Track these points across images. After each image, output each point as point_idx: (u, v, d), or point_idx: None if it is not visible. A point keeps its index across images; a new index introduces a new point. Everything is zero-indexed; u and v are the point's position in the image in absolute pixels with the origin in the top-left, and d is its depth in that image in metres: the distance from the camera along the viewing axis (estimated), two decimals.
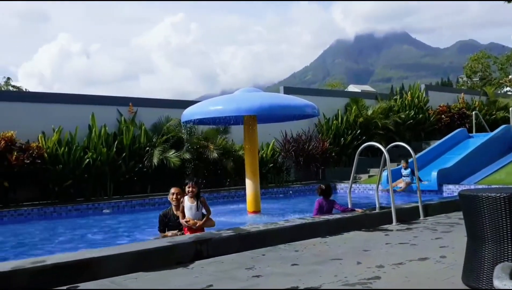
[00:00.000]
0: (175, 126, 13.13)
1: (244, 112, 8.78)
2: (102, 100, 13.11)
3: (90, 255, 4.29)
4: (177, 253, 4.68)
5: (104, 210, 10.63)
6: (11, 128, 10.60)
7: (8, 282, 3.65)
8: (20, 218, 9.65)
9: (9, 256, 6.35)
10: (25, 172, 10.31)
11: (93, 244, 7.07)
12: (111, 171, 11.82)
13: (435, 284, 3.60)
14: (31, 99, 12.29)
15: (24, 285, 3.72)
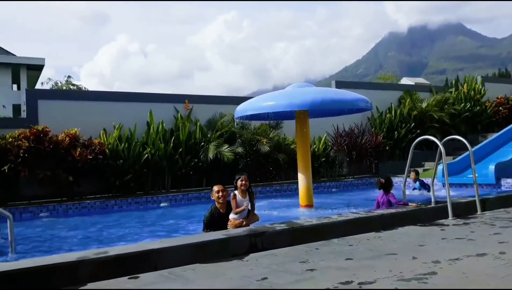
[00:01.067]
0: (229, 121, 13.38)
1: (296, 107, 8.80)
2: (160, 98, 13.56)
3: (150, 246, 4.45)
4: (233, 245, 4.79)
5: (162, 203, 11.04)
6: (75, 126, 11.24)
7: (74, 271, 3.85)
8: (84, 210, 10.21)
9: (75, 247, 6.73)
10: (88, 167, 10.88)
11: (151, 236, 7.37)
12: (168, 165, 12.24)
13: (494, 281, 3.50)
14: (93, 98, 12.92)
15: (88, 275, 3.90)
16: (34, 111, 11.53)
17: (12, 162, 10.03)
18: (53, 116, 11.53)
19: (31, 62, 37.96)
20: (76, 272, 3.85)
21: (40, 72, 40.22)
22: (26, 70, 37.99)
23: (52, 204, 10.12)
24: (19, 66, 37.97)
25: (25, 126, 10.91)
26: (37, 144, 10.43)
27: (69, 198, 10.86)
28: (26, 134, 10.47)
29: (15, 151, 10.07)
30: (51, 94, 14.88)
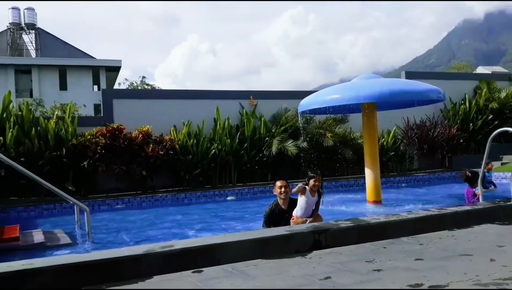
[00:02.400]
0: (293, 116, 13.30)
1: (363, 99, 8.52)
2: (226, 95, 13.78)
3: (214, 241, 4.48)
4: (296, 242, 4.72)
5: (228, 197, 11.22)
6: (147, 123, 11.74)
7: (140, 264, 3.98)
8: (157, 203, 10.62)
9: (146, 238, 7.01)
10: (159, 162, 11.32)
11: (219, 229, 7.51)
12: (234, 160, 12.42)
13: None
14: (163, 96, 13.41)
15: (154, 268, 4.01)
16: (110, 110, 12.16)
17: (90, 158, 10.65)
18: (127, 114, 12.09)
19: (109, 64, 40.18)
20: (143, 264, 3.97)
21: (118, 73, 42.41)
22: (105, 71, 40.24)
23: (127, 197, 10.63)
24: (98, 68, 40.30)
25: (102, 124, 11.55)
26: (113, 141, 11.01)
27: (142, 191, 11.35)
28: (103, 131, 11.08)
29: (93, 148, 10.68)
30: (125, 93, 15.64)
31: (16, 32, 44.40)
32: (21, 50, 44.93)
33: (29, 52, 45.81)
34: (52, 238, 6.61)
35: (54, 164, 10.49)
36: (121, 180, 11.21)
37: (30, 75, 39.64)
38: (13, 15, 43.82)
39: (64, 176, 10.60)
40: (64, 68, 39.57)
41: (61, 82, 39.89)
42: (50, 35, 45.21)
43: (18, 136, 10.36)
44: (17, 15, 43.94)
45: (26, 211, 9.58)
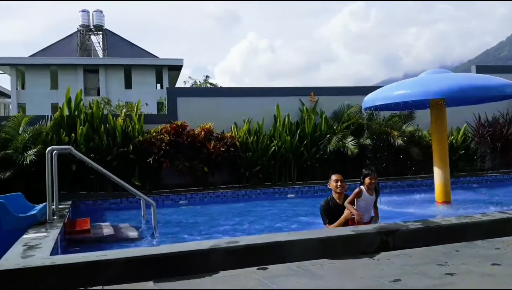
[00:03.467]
0: (356, 113, 13.00)
1: (432, 95, 8.13)
2: (286, 91, 13.72)
3: (278, 238, 4.47)
4: (362, 242, 4.60)
5: (288, 195, 11.18)
6: (209, 120, 11.95)
7: (207, 258, 4.04)
8: (218, 199, 10.78)
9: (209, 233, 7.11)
10: (221, 158, 11.48)
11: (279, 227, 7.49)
12: (294, 157, 12.34)
13: None
14: (224, 94, 13.60)
15: (220, 263, 4.05)
16: (174, 108, 12.48)
17: (155, 154, 10.99)
18: (190, 111, 12.36)
19: (171, 63, 41.38)
20: (209, 259, 4.03)
21: (179, 72, 43.56)
22: (167, 70, 41.47)
23: (190, 193, 10.88)
24: (161, 67, 41.60)
25: (167, 121, 11.88)
26: (176, 137, 11.30)
27: (204, 187, 11.56)
28: (168, 128, 11.40)
29: (158, 144, 11.02)
30: (188, 91, 16.00)
31: (85, 33, 46.72)
32: (89, 50, 47.23)
33: (97, 53, 48.06)
34: (120, 231, 6.87)
35: (122, 160, 10.91)
36: (184, 176, 11.48)
37: (98, 75, 41.60)
38: (83, 18, 46.16)
39: (130, 172, 11.01)
40: (129, 67, 41.18)
41: (126, 81, 41.55)
42: (117, 35, 47.18)
43: (88, 132, 10.87)
44: (86, 18, 46.24)
45: (94, 205, 10.04)
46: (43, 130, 10.71)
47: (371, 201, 5.64)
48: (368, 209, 5.63)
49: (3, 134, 10.50)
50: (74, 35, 46.39)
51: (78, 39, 46.23)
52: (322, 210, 5.80)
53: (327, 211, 5.76)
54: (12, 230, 5.81)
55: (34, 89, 39.04)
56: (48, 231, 5.43)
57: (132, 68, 41.14)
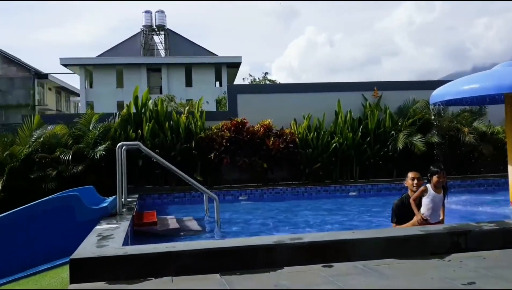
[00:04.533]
0: (422, 108, 12.55)
1: (507, 89, 7.66)
2: (347, 87, 13.48)
3: (343, 236, 4.40)
4: (431, 243, 4.43)
5: (350, 193, 10.99)
6: (268, 117, 11.98)
7: (271, 254, 4.04)
8: (277, 195, 10.80)
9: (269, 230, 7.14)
10: (280, 155, 11.48)
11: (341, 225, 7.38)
12: (356, 155, 12.11)
13: None
14: (284, 90, 13.56)
15: (284, 259, 4.05)
16: (234, 105, 12.63)
17: (216, 150, 11.19)
18: (250, 108, 12.46)
19: (230, 61, 41.90)
20: (273, 255, 4.04)
21: (238, 69, 44.03)
22: (226, 68, 42.05)
23: (249, 188, 10.98)
24: (221, 65, 42.23)
25: (227, 118, 12.05)
26: (236, 134, 11.45)
27: (263, 183, 11.62)
28: (228, 125, 11.57)
29: (219, 141, 11.21)
30: (248, 88, 16.14)
31: (148, 33, 48.34)
32: (152, 50, 48.84)
33: (159, 52, 49.59)
34: (184, 224, 7.06)
35: (184, 155, 11.21)
36: (243, 172, 11.61)
37: (160, 73, 42.91)
38: (146, 18, 47.78)
39: (193, 167, 11.28)
40: (190, 66, 42.14)
41: (187, 79, 42.56)
42: (178, 35, 48.43)
43: (153, 129, 11.25)
44: (149, 18, 47.82)
45: (160, 198, 10.40)
46: (111, 126, 11.21)
47: (439, 200, 5.40)
48: (435, 209, 5.40)
49: (76, 130, 11.10)
50: (138, 35, 48.13)
51: (141, 39, 47.92)
52: (394, 208, 5.62)
53: (399, 209, 5.58)
54: (85, 221, 6.12)
55: (101, 87, 40.95)
56: (119, 223, 5.67)
57: (192, 66, 42.09)
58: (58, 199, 6.73)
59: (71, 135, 10.98)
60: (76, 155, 10.39)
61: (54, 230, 6.36)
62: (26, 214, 6.34)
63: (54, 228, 6.37)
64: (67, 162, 10.17)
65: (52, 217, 6.39)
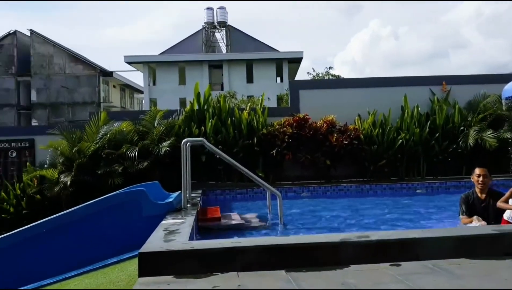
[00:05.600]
0: (493, 103, 11.86)
1: None
2: (414, 81, 13.00)
3: (412, 235, 4.27)
4: (506, 243, 4.19)
5: (417, 190, 10.61)
6: (331, 113, 11.81)
7: (337, 251, 3.98)
8: (341, 193, 10.63)
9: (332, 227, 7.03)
10: (343, 151, 11.29)
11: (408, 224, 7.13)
12: (424, 151, 11.67)
13: None
14: (347, 85, 13.30)
15: (350, 256, 3.97)
16: (296, 100, 12.57)
17: (278, 147, 11.19)
18: (312, 104, 12.34)
19: (291, 56, 41.79)
20: (339, 253, 3.98)
21: (299, 64, 43.83)
22: (287, 63, 41.99)
23: (312, 185, 10.88)
24: (281, 60, 42.23)
25: (289, 114, 12.02)
26: (299, 130, 11.39)
27: (326, 180, 11.48)
28: (290, 121, 11.53)
29: (281, 137, 11.21)
30: (310, 84, 15.98)
31: (210, 30, 49.24)
32: (214, 47, 49.70)
33: (221, 49, 50.39)
34: (247, 221, 7.11)
35: (246, 151, 11.30)
36: (306, 168, 11.53)
37: (221, 70, 43.60)
38: (207, 15, 48.69)
39: (255, 163, 11.34)
40: (251, 62, 42.48)
41: (248, 75, 42.94)
42: (239, 31, 48.95)
43: (216, 125, 11.44)
44: (211, 15, 48.68)
45: (222, 194, 10.56)
46: (175, 123, 11.52)
47: None
48: None
49: (141, 127, 11.51)
50: (200, 32, 49.16)
51: (203, 36, 48.91)
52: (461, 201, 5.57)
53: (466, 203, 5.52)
54: (152, 216, 6.32)
55: (164, 84, 42.25)
56: (184, 218, 5.81)
57: (253, 62, 42.40)
58: (125, 194, 7.00)
59: (137, 131, 11.38)
60: (142, 151, 10.75)
61: (121, 224, 6.63)
62: (95, 208, 6.63)
63: (121, 222, 6.64)
64: (133, 158, 10.54)
65: (119, 212, 6.66)
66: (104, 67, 42.18)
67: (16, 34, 40.97)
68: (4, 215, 11.22)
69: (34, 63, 40.82)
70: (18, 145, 12.76)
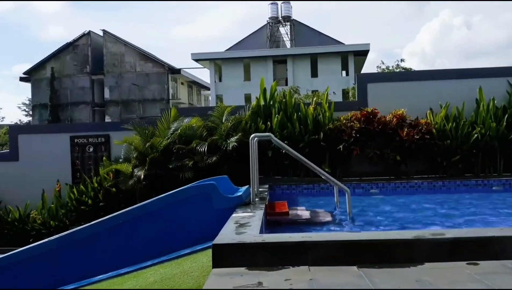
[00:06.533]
0: None
1: None
2: (489, 72, 12.27)
3: (490, 233, 4.11)
4: None
5: (494, 187, 10.07)
6: (401, 106, 11.45)
7: (410, 249, 3.89)
8: (412, 190, 10.29)
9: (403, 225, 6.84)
10: (414, 146, 10.91)
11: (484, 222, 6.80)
12: (501, 146, 11.02)
13: None
14: (418, 78, 12.82)
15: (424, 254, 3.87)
16: (364, 94, 12.30)
17: (345, 142, 11.03)
18: (380, 97, 12.02)
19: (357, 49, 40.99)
20: (412, 250, 3.89)
21: (365, 57, 42.87)
22: (353, 56, 41.20)
23: (381, 181, 10.63)
24: (347, 53, 41.52)
25: (356, 108, 11.79)
26: (367, 125, 11.15)
27: (396, 176, 11.16)
28: (358, 115, 11.32)
29: (348, 132, 11.03)
30: (379, 77, 15.59)
31: (274, 25, 49.36)
32: (278, 42, 49.81)
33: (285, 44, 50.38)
34: (315, 216, 7.10)
35: (312, 146, 11.24)
36: (374, 164, 11.27)
37: (286, 65, 43.61)
38: (272, 10, 48.85)
39: (321, 158, 11.25)
40: (315, 56, 42.14)
41: (312, 70, 42.64)
42: (303, 25, 48.68)
43: (282, 120, 11.48)
44: (275, 10, 48.80)
45: (288, 189, 10.59)
46: (242, 119, 11.69)
47: None
48: None
49: (210, 122, 11.80)
50: (264, 27, 49.45)
51: (267, 31, 49.15)
52: None
53: None
54: (222, 209, 6.49)
55: (230, 81, 42.99)
56: (254, 212, 5.91)
57: (318, 56, 42.02)
58: (196, 187, 7.22)
59: (206, 127, 11.68)
60: (210, 146, 11.03)
61: (193, 216, 6.85)
62: (168, 201, 6.90)
63: (193, 215, 6.87)
64: (202, 153, 10.84)
65: (191, 204, 6.89)
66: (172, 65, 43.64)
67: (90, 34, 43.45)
68: (83, 207, 11.98)
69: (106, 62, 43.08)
70: (94, 140, 13.51)
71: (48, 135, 14.04)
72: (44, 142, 13.63)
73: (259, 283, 3.25)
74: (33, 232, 11.83)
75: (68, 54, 43.16)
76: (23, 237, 11.70)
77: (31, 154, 13.54)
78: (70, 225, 11.32)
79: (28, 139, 13.80)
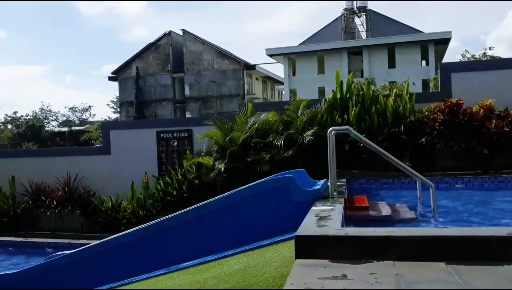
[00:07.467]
0: None
1: None
2: None
3: None
4: None
5: None
6: (489, 97, 10.77)
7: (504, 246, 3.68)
8: (501, 185, 9.68)
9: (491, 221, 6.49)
10: (504, 139, 10.25)
11: None
12: None
13: None
14: (507, 66, 11.99)
15: None
16: (447, 85, 11.74)
17: (428, 134, 10.60)
18: (465, 88, 11.42)
19: (438, 37, 39.04)
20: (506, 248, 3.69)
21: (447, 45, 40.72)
22: (433, 45, 39.30)
23: (467, 176, 10.09)
24: (427, 42, 39.69)
25: (440, 99, 11.27)
26: (451, 116, 10.63)
27: (483, 171, 10.55)
28: (441, 107, 10.82)
29: (431, 124, 10.59)
30: (463, 66, 14.73)
31: (349, 16, 48.31)
32: (353, 33, 48.71)
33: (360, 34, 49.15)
34: (396, 211, 6.91)
35: (392, 140, 10.91)
36: (458, 157, 10.72)
37: (361, 56, 42.59)
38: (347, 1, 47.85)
39: (401, 152, 10.89)
40: (393, 46, 40.72)
41: (390, 60, 41.26)
42: (380, 15, 47.19)
43: (360, 113, 11.26)
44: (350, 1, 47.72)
45: (367, 183, 10.36)
46: (318, 112, 11.62)
47: None
48: None
49: (285, 117, 11.87)
50: (339, 19, 48.58)
51: (342, 22, 48.23)
52: None
53: None
54: (300, 202, 6.53)
55: (303, 74, 42.80)
56: (333, 205, 5.88)
57: (395, 46, 40.57)
58: (276, 180, 7.32)
59: (281, 121, 11.78)
60: (286, 140, 11.11)
61: (272, 208, 6.97)
62: (249, 193, 7.08)
63: (273, 207, 6.98)
64: (279, 146, 10.96)
65: (270, 197, 7.01)
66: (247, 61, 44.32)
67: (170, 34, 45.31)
68: (169, 197, 12.60)
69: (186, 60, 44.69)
70: (178, 135, 14.16)
71: (137, 130, 14.94)
72: (133, 137, 14.51)
73: (343, 275, 3.25)
74: (124, 220, 12.69)
75: (151, 53, 45.34)
76: (115, 225, 12.58)
77: (121, 148, 14.48)
78: (157, 215, 11.98)
79: (119, 134, 14.76)
